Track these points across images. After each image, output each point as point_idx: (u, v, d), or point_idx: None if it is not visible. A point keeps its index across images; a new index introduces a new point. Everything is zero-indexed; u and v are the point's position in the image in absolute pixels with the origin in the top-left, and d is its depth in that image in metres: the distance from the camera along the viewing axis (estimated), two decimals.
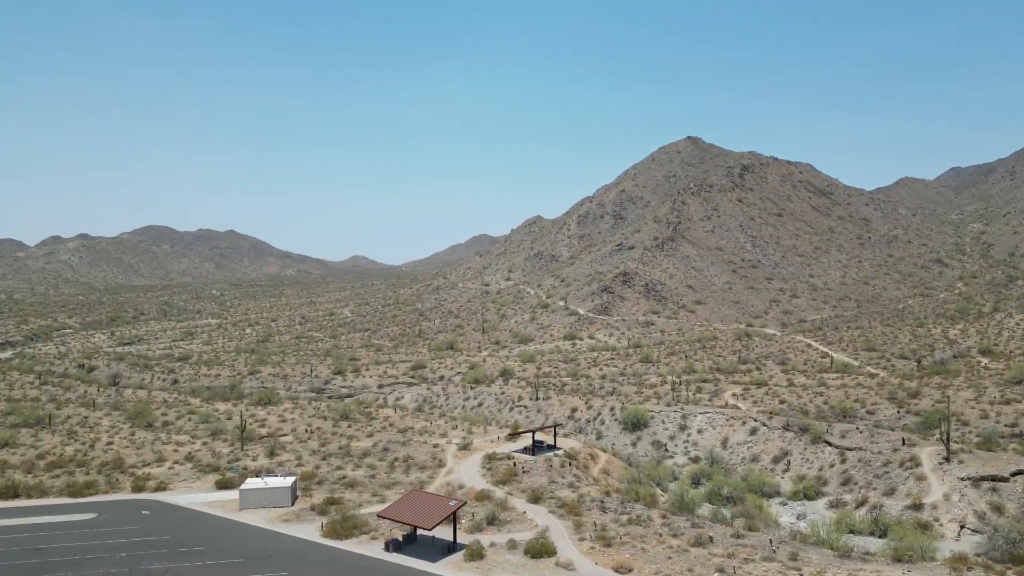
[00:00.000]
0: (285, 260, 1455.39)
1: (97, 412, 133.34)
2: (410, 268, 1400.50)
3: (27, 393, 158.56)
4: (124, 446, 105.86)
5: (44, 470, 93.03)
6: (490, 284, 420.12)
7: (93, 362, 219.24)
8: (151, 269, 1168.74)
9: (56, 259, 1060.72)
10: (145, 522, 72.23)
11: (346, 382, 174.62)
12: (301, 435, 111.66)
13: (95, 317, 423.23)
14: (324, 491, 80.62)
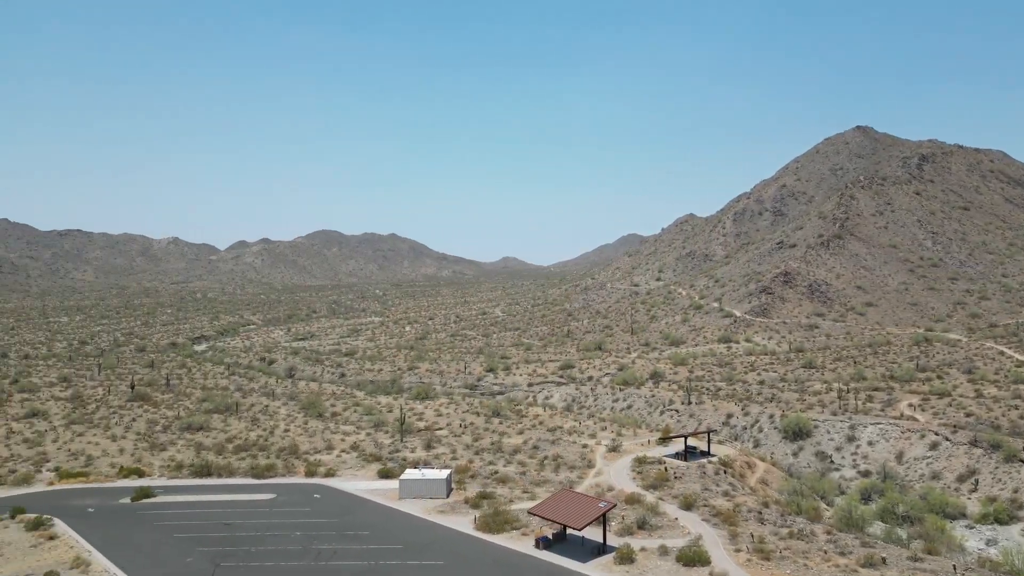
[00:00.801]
0: (441, 261, 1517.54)
1: (276, 402, 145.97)
2: (559, 269, 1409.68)
3: (218, 383, 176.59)
4: (298, 434, 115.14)
5: (232, 452, 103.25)
6: (640, 284, 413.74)
7: (272, 355, 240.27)
8: (322, 270, 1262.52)
9: (242, 261, 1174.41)
10: (316, 505, 78.06)
11: (497, 380, 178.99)
12: (455, 430, 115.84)
13: (274, 314, 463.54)
14: (477, 485, 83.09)
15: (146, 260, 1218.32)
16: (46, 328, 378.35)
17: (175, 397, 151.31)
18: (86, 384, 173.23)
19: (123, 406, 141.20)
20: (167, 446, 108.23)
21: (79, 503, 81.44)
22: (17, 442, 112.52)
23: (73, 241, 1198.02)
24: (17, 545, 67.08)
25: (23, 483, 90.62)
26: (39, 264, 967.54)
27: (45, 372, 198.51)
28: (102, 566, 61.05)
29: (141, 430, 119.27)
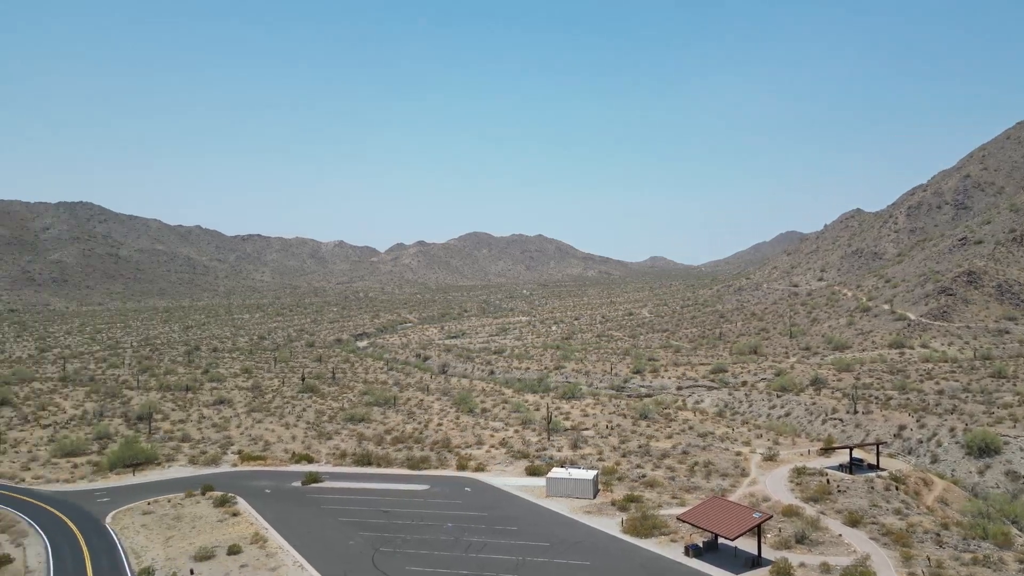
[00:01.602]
0: (587, 261, 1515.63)
1: (430, 396, 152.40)
2: (710, 268, 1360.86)
3: (378, 377, 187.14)
4: (451, 428, 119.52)
5: (390, 444, 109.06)
6: (799, 284, 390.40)
7: (427, 352, 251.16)
8: (473, 271, 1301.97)
9: (400, 263, 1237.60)
10: (467, 498, 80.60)
11: (645, 382, 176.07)
12: (602, 431, 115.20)
13: (429, 313, 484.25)
14: (624, 487, 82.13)
15: (315, 262, 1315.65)
16: (231, 324, 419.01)
17: (340, 390, 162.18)
18: (264, 376, 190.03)
19: (295, 397, 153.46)
20: (332, 435, 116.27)
21: (258, 484, 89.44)
22: (207, 426, 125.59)
23: (254, 245, 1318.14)
24: (207, 519, 74.79)
25: (212, 463, 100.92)
26: (225, 266, 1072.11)
27: (230, 364, 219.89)
28: (277, 543, 66.62)
29: (310, 419, 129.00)
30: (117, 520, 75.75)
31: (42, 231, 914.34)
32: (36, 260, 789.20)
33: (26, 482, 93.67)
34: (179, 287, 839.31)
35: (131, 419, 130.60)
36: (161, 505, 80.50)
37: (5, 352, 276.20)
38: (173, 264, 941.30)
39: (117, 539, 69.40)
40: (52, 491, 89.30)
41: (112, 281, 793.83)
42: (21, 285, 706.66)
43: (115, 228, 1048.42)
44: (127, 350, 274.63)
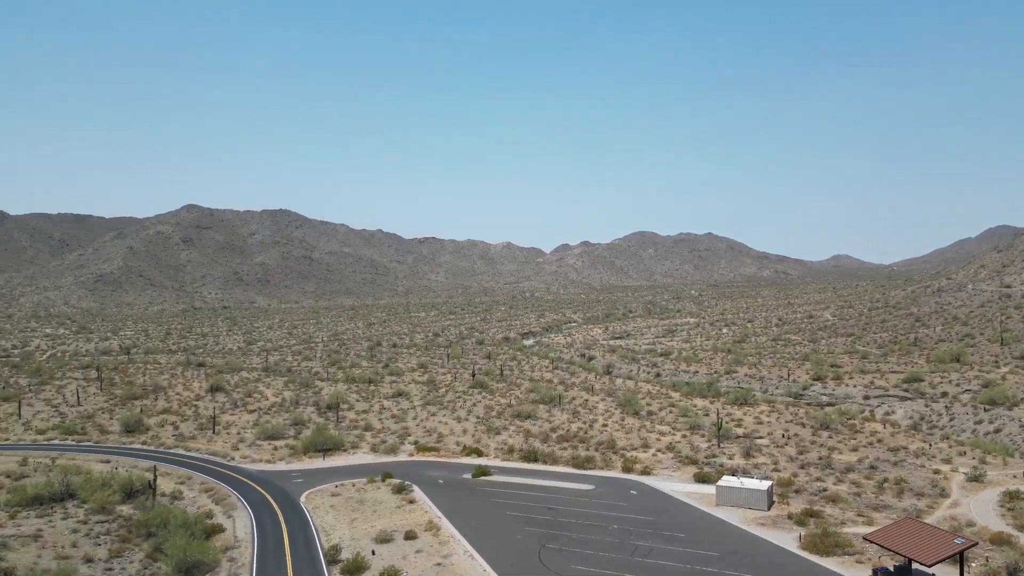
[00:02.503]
0: (762, 261, 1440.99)
1: (594, 397, 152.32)
2: (903, 267, 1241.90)
3: (544, 375, 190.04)
4: (616, 429, 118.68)
5: (555, 442, 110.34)
6: (1013, 286, 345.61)
7: (592, 352, 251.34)
8: (638, 271, 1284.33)
9: (565, 263, 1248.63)
10: (633, 500, 79.60)
11: (826, 389, 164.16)
12: (777, 439, 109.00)
13: (593, 313, 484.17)
14: (802, 501, 77.14)
15: (485, 263, 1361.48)
16: (409, 321, 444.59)
17: (507, 387, 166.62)
18: (438, 371, 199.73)
19: (466, 392, 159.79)
20: (500, 430, 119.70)
21: (432, 474, 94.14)
22: (387, 417, 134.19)
23: (429, 247, 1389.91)
24: (387, 504, 79.91)
25: (391, 452, 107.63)
26: (404, 267, 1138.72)
27: (408, 359, 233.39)
28: (449, 532, 69.74)
29: (480, 414, 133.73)
30: (310, 500, 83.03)
31: (249, 236, 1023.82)
32: (244, 262, 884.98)
33: (235, 460, 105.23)
34: (363, 287, 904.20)
35: (321, 408, 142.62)
36: (347, 488, 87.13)
37: (219, 345, 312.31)
38: (358, 265, 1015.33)
39: (310, 517, 76.07)
40: (256, 470, 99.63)
41: (306, 281, 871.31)
42: (232, 285, 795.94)
43: (309, 233, 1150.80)
44: (318, 344, 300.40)
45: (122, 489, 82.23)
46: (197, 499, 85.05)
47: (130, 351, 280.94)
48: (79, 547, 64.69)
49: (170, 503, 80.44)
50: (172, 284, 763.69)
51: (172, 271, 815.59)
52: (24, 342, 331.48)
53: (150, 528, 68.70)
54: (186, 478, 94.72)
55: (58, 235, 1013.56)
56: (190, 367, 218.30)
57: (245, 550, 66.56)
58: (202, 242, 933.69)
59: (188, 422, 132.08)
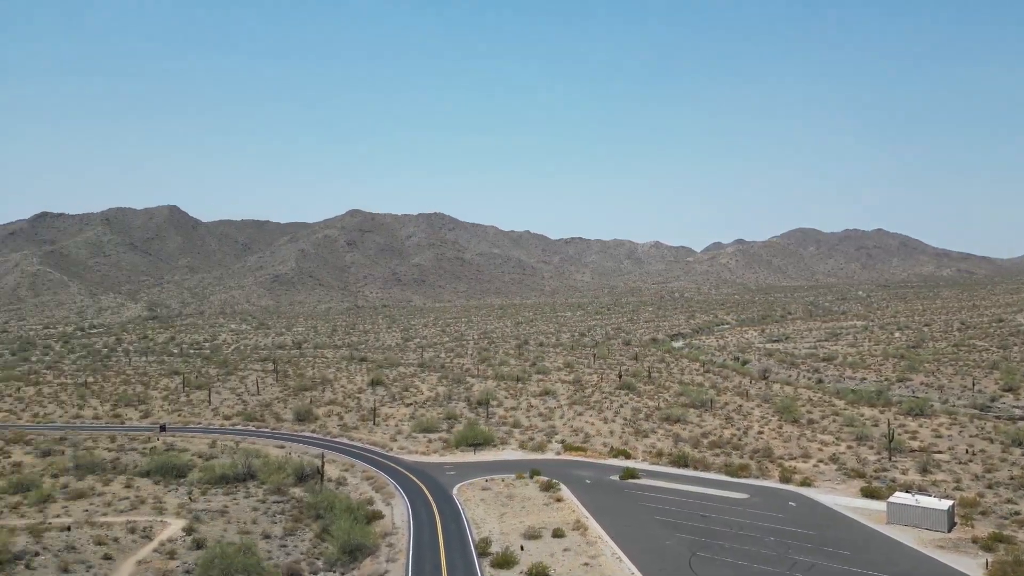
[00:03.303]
0: (941, 259, 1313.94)
1: (749, 402, 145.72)
2: None
3: (694, 378, 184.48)
4: (772, 437, 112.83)
5: (707, 447, 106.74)
6: None
7: (746, 356, 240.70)
8: (797, 270, 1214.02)
9: (717, 262, 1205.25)
10: (791, 513, 75.30)
11: (1019, 402, 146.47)
12: (960, 455, 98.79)
13: (748, 315, 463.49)
14: (989, 524, 69.41)
15: (631, 263, 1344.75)
16: (555, 321, 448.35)
17: (656, 389, 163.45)
18: (584, 371, 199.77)
19: (612, 393, 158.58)
20: (648, 433, 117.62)
21: (579, 474, 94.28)
22: (535, 415, 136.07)
23: (576, 247, 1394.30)
24: (534, 501, 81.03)
25: (538, 450, 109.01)
26: (550, 267, 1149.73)
27: (554, 358, 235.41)
28: (596, 532, 69.51)
29: (627, 416, 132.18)
30: (461, 492, 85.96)
31: (407, 239, 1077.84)
32: (402, 264, 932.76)
33: (393, 451, 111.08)
34: (511, 286, 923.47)
35: (472, 404, 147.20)
36: (496, 483, 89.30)
37: (379, 341, 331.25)
38: (507, 266, 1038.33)
39: (462, 509, 78.75)
40: (412, 461, 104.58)
41: (458, 281, 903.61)
42: (391, 285, 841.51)
43: (461, 235, 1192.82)
44: (469, 342, 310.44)
45: (295, 473, 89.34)
46: (359, 486, 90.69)
47: (301, 346, 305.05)
48: (258, 524, 70.99)
49: (336, 488, 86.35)
50: (338, 284, 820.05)
51: (338, 272, 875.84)
52: (213, 336, 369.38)
53: (318, 510, 74.11)
54: (349, 466, 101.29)
55: (242, 239, 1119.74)
56: (353, 362, 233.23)
57: (402, 537, 70.06)
58: (364, 245, 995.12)
59: (351, 413, 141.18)
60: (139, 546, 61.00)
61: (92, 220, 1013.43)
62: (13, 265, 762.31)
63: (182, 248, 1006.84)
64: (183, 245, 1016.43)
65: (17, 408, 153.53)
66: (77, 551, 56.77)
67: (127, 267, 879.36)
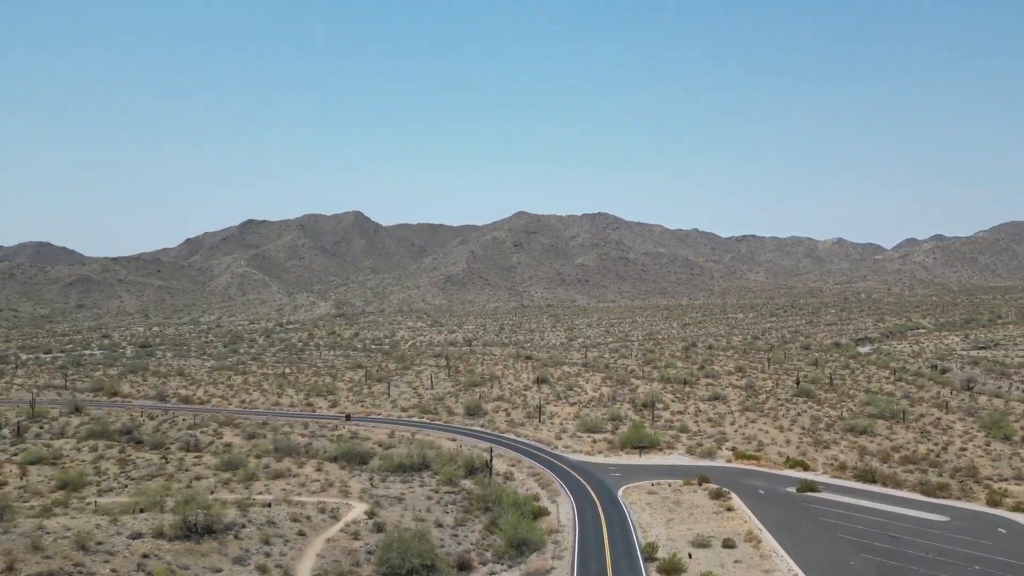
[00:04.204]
0: None
1: (950, 415, 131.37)
2: None
3: (882, 387, 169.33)
4: (978, 455, 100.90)
5: (897, 463, 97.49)
6: None
7: (946, 364, 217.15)
8: (1009, 268, 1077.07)
9: (911, 260, 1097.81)
10: (1001, 540, 66.94)
11: None
12: None
13: (948, 318, 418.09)
14: None
15: (811, 261, 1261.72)
16: (725, 323, 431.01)
17: (838, 397, 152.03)
18: (757, 375, 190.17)
19: (788, 400, 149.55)
20: (830, 444, 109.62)
21: (751, 483, 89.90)
22: (703, 420, 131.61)
23: (748, 245, 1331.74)
24: (703, 509, 78.39)
25: (707, 456, 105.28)
26: (720, 266, 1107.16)
27: (724, 361, 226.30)
28: (771, 546, 65.88)
29: (805, 425, 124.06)
30: (627, 495, 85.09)
31: (570, 239, 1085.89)
32: (566, 264, 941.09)
33: (558, 449, 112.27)
34: (678, 287, 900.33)
35: (637, 405, 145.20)
36: (662, 488, 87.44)
37: (544, 340, 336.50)
38: (673, 265, 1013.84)
39: (627, 511, 77.93)
40: (577, 460, 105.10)
41: (622, 281, 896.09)
42: (555, 285, 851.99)
43: (626, 234, 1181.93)
44: (634, 343, 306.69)
45: (465, 466, 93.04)
46: (525, 482, 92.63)
47: (471, 343, 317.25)
48: (431, 512, 74.72)
49: (503, 482, 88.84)
50: (505, 284, 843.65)
51: (505, 272, 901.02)
52: (392, 333, 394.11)
53: (487, 503, 76.64)
54: (516, 461, 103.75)
55: (418, 242, 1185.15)
56: (519, 359, 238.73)
57: (567, 535, 70.62)
58: (530, 246, 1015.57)
59: (518, 410, 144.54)
60: (328, 525, 66.41)
61: (289, 226, 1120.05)
62: (225, 267, 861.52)
63: (365, 250, 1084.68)
64: (366, 248, 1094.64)
65: (228, 394, 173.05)
66: (276, 526, 62.87)
67: (318, 268, 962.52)
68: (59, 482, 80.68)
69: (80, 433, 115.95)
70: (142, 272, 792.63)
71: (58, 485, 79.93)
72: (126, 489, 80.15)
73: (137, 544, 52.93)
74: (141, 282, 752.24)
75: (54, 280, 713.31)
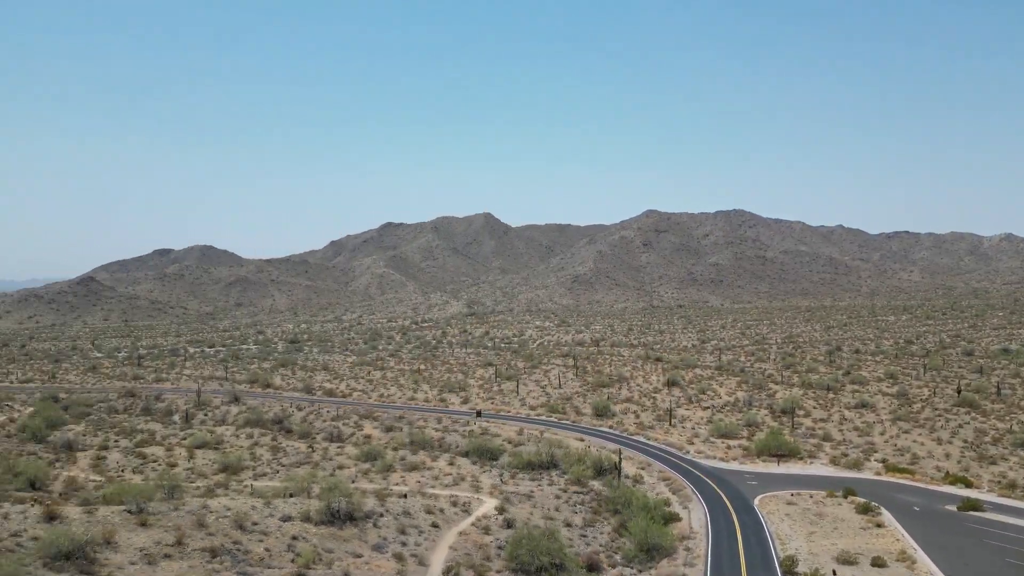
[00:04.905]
0: None
1: None
2: None
3: None
4: None
5: None
6: None
7: None
8: None
9: None
10: None
11: None
12: None
13: None
14: None
15: (974, 259, 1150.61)
16: (874, 326, 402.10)
17: (1007, 408, 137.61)
18: (911, 383, 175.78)
19: (948, 410, 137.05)
20: (997, 460, 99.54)
21: (903, 498, 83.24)
22: (848, 429, 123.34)
23: (900, 242, 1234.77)
24: (849, 523, 73.47)
25: (853, 467, 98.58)
26: (869, 265, 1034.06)
27: (873, 367, 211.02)
28: (927, 567, 60.67)
29: (968, 438, 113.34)
30: (764, 504, 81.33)
31: (703, 238, 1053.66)
32: (698, 263, 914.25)
33: (689, 454, 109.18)
34: (820, 287, 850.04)
35: (775, 411, 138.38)
36: (803, 499, 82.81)
37: (675, 341, 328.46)
38: (815, 264, 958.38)
39: (764, 521, 74.49)
40: (710, 466, 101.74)
41: (759, 281, 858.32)
42: (687, 285, 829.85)
43: (763, 232, 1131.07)
44: (772, 346, 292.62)
45: (593, 466, 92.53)
46: (656, 485, 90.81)
47: (599, 343, 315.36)
48: (560, 512, 74.91)
49: (632, 485, 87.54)
50: (633, 284, 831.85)
51: (633, 272, 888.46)
52: (521, 332, 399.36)
53: (616, 505, 75.82)
54: (645, 464, 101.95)
55: (545, 242, 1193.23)
56: (648, 361, 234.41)
57: (700, 542, 68.50)
58: (660, 245, 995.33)
59: (647, 412, 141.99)
60: (460, 519, 68.24)
61: (424, 228, 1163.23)
62: (365, 268, 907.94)
63: (495, 251, 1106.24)
64: (496, 248, 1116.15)
65: (368, 389, 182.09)
66: (411, 516, 65.37)
67: (451, 269, 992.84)
68: (220, 465, 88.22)
69: (238, 421, 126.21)
70: (292, 272, 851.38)
71: (219, 468, 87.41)
72: (277, 474, 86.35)
73: (287, 526, 56.77)
74: (291, 282, 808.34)
75: (216, 280, 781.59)
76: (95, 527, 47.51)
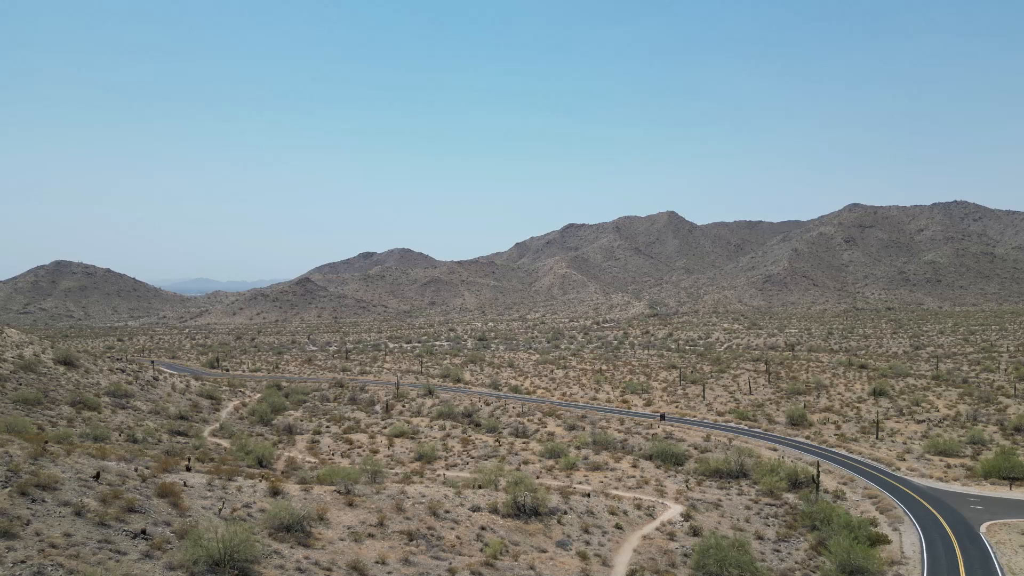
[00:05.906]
0: None
1: None
2: None
3: None
4: None
5: None
6: None
7: None
8: None
9: None
10: None
11: None
12: None
13: None
14: None
15: None
16: None
17: None
18: None
19: None
20: None
21: None
22: None
23: None
24: None
25: None
26: None
27: None
28: None
29: None
30: (992, 532, 71.81)
31: (916, 233, 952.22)
32: (911, 261, 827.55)
33: (900, 471, 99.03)
34: None
35: (1007, 429, 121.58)
36: None
37: (882, 347, 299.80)
38: None
39: (992, 552, 65.76)
40: (925, 485, 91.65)
41: (986, 281, 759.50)
42: (897, 285, 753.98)
43: (990, 225, 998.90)
44: (1003, 354, 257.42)
45: (788, 478, 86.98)
46: (860, 503, 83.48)
47: (794, 348, 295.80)
48: (751, 523, 71.24)
49: (832, 501, 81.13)
50: (833, 284, 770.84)
51: (833, 271, 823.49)
52: (707, 334, 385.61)
53: (814, 521, 70.66)
54: (848, 479, 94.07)
55: (734, 240, 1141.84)
56: (852, 368, 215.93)
57: (912, 569, 61.95)
58: (864, 241, 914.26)
59: (849, 423, 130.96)
60: (643, 522, 67.23)
61: (605, 229, 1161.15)
62: (548, 268, 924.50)
63: (679, 250, 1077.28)
64: (680, 248, 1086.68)
65: (551, 386, 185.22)
66: (595, 516, 65.47)
67: (632, 269, 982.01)
68: (416, 454, 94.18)
69: (432, 413, 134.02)
70: (480, 273, 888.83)
71: (415, 457, 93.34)
72: (467, 466, 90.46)
73: (476, 516, 59.25)
74: (479, 282, 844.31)
75: (413, 280, 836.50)
76: (311, 504, 52.69)
